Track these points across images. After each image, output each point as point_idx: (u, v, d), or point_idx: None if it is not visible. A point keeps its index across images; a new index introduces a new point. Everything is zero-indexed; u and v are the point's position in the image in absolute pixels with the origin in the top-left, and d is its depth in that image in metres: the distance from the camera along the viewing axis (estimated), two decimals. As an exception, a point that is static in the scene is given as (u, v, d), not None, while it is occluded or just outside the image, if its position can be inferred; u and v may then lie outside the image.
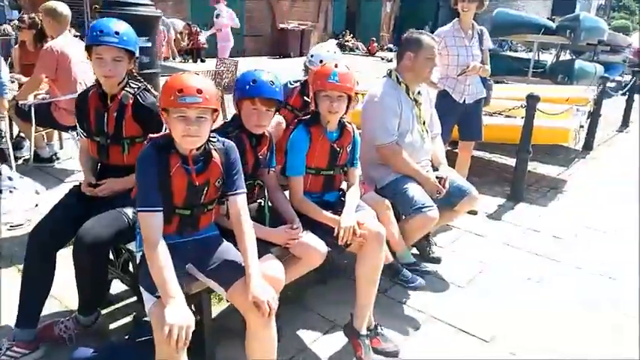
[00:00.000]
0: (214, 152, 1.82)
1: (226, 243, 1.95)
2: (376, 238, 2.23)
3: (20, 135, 4.85)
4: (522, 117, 4.43)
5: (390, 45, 22.19)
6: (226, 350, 2.23)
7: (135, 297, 2.49)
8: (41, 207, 3.52)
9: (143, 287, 1.72)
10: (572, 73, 8.70)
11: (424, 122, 3.06)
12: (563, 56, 11.70)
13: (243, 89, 2.03)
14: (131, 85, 2.26)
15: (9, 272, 2.83)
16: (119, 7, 3.24)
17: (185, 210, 1.82)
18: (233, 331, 2.22)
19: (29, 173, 4.16)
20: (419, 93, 3.05)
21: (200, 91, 1.66)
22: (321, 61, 2.84)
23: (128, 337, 2.20)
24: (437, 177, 2.98)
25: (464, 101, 3.94)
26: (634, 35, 16.51)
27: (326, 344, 2.41)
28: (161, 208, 1.70)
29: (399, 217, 3.04)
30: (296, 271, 2.25)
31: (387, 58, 18.16)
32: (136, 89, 2.26)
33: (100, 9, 3.32)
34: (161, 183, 1.72)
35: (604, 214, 4.37)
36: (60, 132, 4.99)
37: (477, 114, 4.06)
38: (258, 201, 2.30)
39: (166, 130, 1.84)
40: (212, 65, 7.14)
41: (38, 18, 4.51)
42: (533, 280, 3.17)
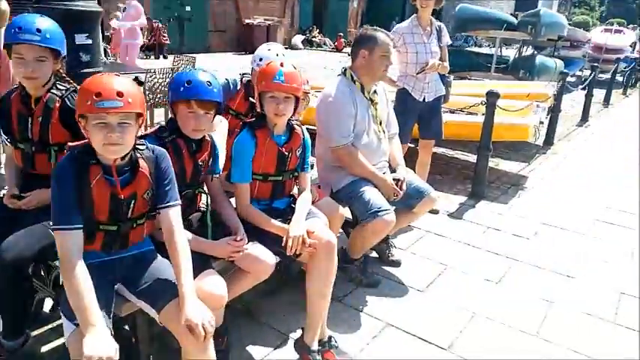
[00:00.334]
0: (142, 161, 1.66)
1: (161, 259, 1.80)
2: (327, 248, 2.11)
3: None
4: (483, 114, 4.40)
5: (358, 41, 22.15)
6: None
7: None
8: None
9: (62, 313, 1.56)
10: (533, 69, 8.81)
11: (381, 122, 2.96)
12: (525, 52, 11.88)
13: (177, 91, 1.88)
14: (58, 87, 2.07)
15: None
16: (55, 2, 3.02)
17: (110, 225, 1.66)
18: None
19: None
20: (375, 92, 2.95)
21: (121, 94, 1.50)
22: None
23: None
24: (394, 179, 2.89)
25: (424, 99, 3.87)
26: (593, 31, 16.92)
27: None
28: (80, 226, 1.54)
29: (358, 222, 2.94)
30: (243, 285, 2.12)
31: (354, 54, 18.08)
32: (64, 91, 2.07)
33: (36, 3, 3.09)
34: (81, 197, 1.55)
35: (563, 211, 4.39)
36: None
37: (437, 112, 4.00)
38: (202, 210, 2.15)
39: None
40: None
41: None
42: (492, 281, 3.12)
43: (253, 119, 2.20)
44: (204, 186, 2.13)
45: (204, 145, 2.04)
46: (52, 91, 2.05)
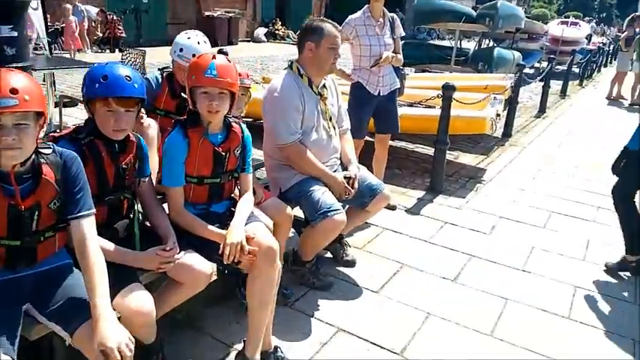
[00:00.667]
0: (46, 167, 1.48)
1: (79, 275, 1.62)
2: (267, 255, 1.97)
3: None
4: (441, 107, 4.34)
5: (321, 33, 21.98)
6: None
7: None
8: None
9: None
10: (491, 61, 8.87)
11: (331, 118, 2.83)
12: (486, 44, 11.99)
13: (91, 88, 1.69)
14: None
15: None
16: (-28, -10, 2.76)
17: (12, 240, 1.47)
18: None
19: None
20: (324, 86, 2.81)
21: (15, 91, 1.31)
22: (194, 55, 2.52)
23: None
24: (345, 177, 2.77)
25: (379, 93, 3.76)
26: (551, 23, 17.27)
27: (220, 373, 2.15)
28: None
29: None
30: (177, 298, 1.96)
31: (318, 47, 17.92)
32: None
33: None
34: None
35: (521, 204, 4.39)
36: None
37: (393, 105, 3.90)
38: (131, 217, 1.97)
39: None
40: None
41: None
42: (448, 279, 3.05)
43: (184, 117, 2.03)
44: (132, 191, 1.94)
45: (128, 147, 1.86)
46: None
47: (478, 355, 2.37)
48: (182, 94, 2.58)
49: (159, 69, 2.72)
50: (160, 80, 2.65)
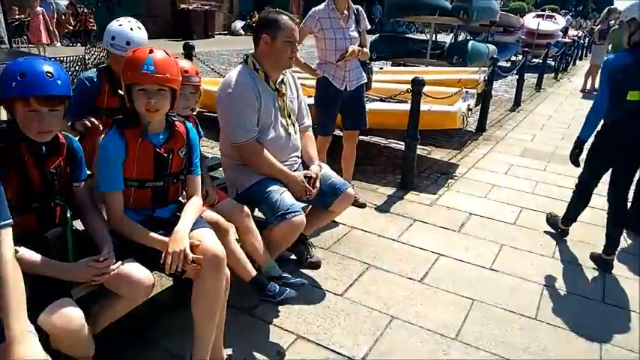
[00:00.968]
0: None
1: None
2: (213, 263, 1.84)
3: None
4: (412, 102, 4.24)
5: (300, 26, 21.77)
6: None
7: None
8: None
9: None
10: (465, 55, 8.82)
11: (289, 115, 2.71)
12: (462, 38, 11.95)
13: (8, 86, 1.53)
14: None
15: None
16: None
17: None
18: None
19: None
20: (282, 81, 2.69)
21: None
22: (128, 43, 2.36)
23: None
24: (306, 176, 2.65)
25: (345, 88, 3.65)
26: (526, 16, 17.33)
27: (168, 388, 2.02)
28: None
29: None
30: (117, 310, 1.82)
31: (296, 40, 17.72)
32: None
33: None
34: None
35: (491, 200, 4.33)
36: None
37: (360, 101, 3.79)
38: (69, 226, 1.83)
39: None
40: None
41: None
42: (415, 280, 2.97)
43: (121, 116, 1.89)
44: (66, 197, 1.80)
45: (57, 149, 1.71)
46: None
47: (441, 361, 2.30)
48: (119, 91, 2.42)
49: (95, 65, 2.55)
50: (97, 77, 2.48)
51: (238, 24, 21.05)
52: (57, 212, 1.77)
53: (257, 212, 2.72)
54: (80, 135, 2.32)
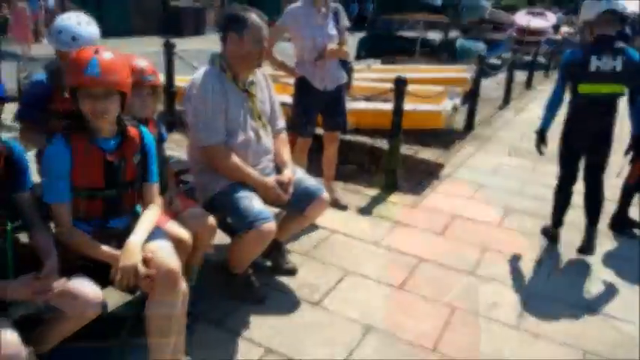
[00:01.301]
0: None
1: None
2: (167, 278, 1.73)
3: None
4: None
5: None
6: None
7: None
8: None
9: None
10: (454, 52, 8.73)
11: (260, 117, 2.59)
12: (452, 35, 11.85)
13: None
14: None
15: None
16: None
17: None
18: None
19: None
20: (252, 82, 2.57)
21: None
22: (74, 39, 2.23)
23: None
24: (278, 181, 2.54)
25: (325, 88, 3.53)
26: (518, 13, 17.24)
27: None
28: None
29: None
30: (64, 329, 1.70)
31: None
32: None
33: None
34: None
35: (476, 201, 4.23)
36: None
37: (340, 101, 3.67)
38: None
39: None
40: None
41: None
42: (394, 286, 2.86)
43: (67, 121, 1.77)
44: (9, 207, 1.68)
45: None
46: None
47: None
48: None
49: (45, 66, 2.41)
50: (48, 79, 2.34)
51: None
52: None
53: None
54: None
